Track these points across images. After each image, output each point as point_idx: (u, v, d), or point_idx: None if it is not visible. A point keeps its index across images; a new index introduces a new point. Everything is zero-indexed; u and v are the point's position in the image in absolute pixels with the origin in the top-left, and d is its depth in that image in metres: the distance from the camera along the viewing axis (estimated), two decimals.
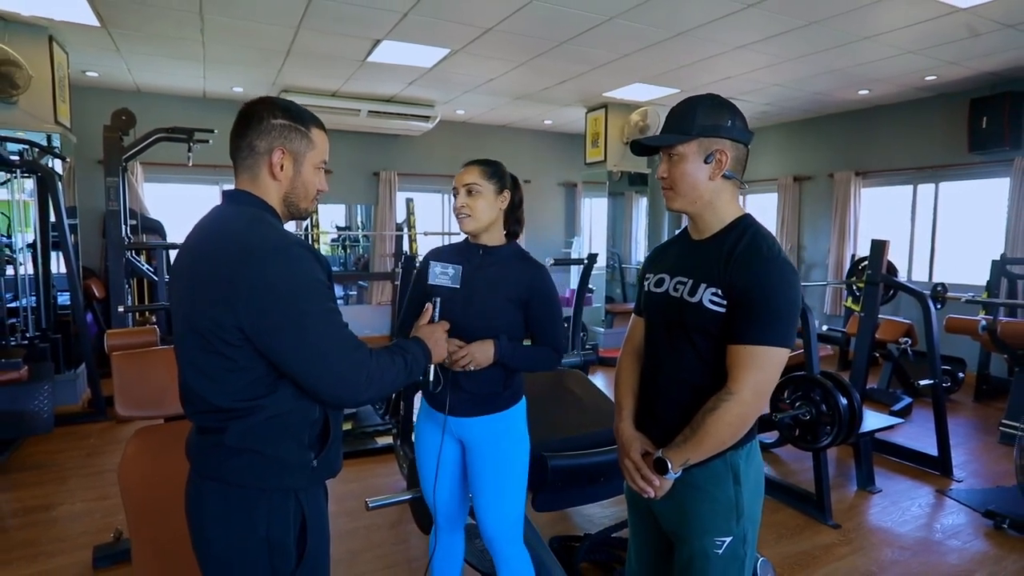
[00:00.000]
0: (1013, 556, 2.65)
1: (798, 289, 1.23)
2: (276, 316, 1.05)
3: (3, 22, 4.06)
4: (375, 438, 3.89)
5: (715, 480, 1.27)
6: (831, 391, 2.89)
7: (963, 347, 5.25)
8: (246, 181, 1.18)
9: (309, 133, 1.19)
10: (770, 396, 1.24)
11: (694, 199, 1.29)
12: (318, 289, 1.09)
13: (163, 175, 6.38)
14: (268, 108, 1.16)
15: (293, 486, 1.14)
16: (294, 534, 1.13)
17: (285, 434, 1.12)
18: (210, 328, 1.07)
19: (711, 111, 1.26)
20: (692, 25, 4.06)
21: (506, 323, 1.66)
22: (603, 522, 2.85)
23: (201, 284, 1.10)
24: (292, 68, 5.24)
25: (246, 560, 1.12)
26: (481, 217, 1.70)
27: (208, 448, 1.14)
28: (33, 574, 2.44)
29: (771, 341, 1.18)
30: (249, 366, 1.08)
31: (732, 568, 1.28)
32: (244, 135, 1.16)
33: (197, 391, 1.12)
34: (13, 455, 3.62)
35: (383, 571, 2.47)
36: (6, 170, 4.11)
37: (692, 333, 1.28)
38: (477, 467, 1.72)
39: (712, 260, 1.26)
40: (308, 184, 1.21)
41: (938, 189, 6.14)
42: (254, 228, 1.10)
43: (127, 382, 2.51)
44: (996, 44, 4.34)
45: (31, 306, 4.29)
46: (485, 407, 1.68)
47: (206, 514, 1.14)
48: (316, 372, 1.09)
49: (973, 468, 3.65)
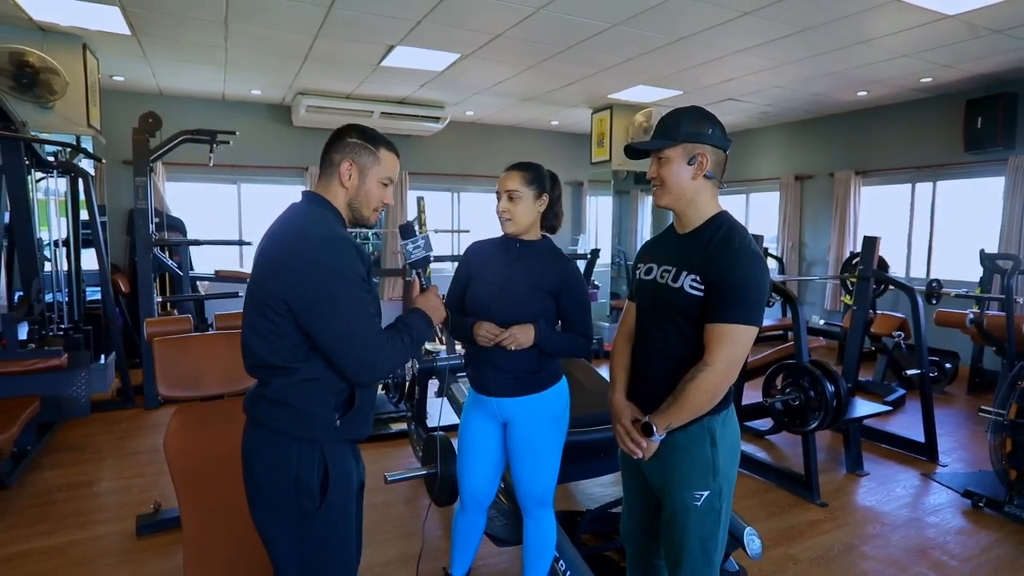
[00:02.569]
0: (986, 532, 2.84)
1: (765, 276, 1.42)
2: (313, 294, 1.27)
3: (42, 32, 4.31)
4: (389, 424, 4.13)
5: (694, 442, 1.47)
6: (819, 378, 3.08)
7: (957, 341, 5.41)
8: (322, 185, 1.44)
9: (377, 152, 1.44)
10: (740, 367, 1.43)
11: (679, 196, 1.48)
12: (353, 279, 1.30)
13: (184, 175, 6.63)
14: (348, 130, 1.44)
15: (318, 439, 1.34)
16: (317, 479, 1.34)
17: (315, 395, 1.33)
18: (263, 295, 1.30)
19: (694, 121, 1.47)
20: (693, 31, 4.24)
21: (538, 311, 1.82)
22: (602, 499, 3.06)
23: (265, 260, 1.34)
24: (309, 72, 5.46)
25: (280, 494, 1.34)
26: (521, 221, 1.85)
27: (256, 399, 1.37)
28: (85, 538, 2.68)
29: (741, 320, 1.38)
30: (289, 333, 1.30)
31: (709, 518, 1.48)
32: (328, 149, 1.43)
33: (252, 346, 1.35)
34: (51, 438, 3.87)
35: (400, 540, 2.70)
36: (43, 171, 4.36)
37: (675, 315, 1.47)
38: (516, 441, 1.90)
39: (692, 251, 1.46)
40: (371, 194, 1.44)
41: (935, 188, 6.29)
42: (314, 220, 1.35)
43: (168, 365, 2.75)
44: (989, 47, 4.49)
45: (63, 300, 4.54)
46: (525, 388, 1.86)
47: (255, 454, 1.38)
48: (340, 350, 1.29)
49: (959, 455, 3.83)
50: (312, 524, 1.35)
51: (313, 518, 1.34)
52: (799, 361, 3.17)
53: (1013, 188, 5.44)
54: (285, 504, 1.34)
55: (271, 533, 1.38)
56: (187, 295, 5.42)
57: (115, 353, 4.63)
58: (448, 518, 2.66)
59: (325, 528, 1.37)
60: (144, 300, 4.62)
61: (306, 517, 1.34)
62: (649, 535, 1.69)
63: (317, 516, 1.34)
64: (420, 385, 3.29)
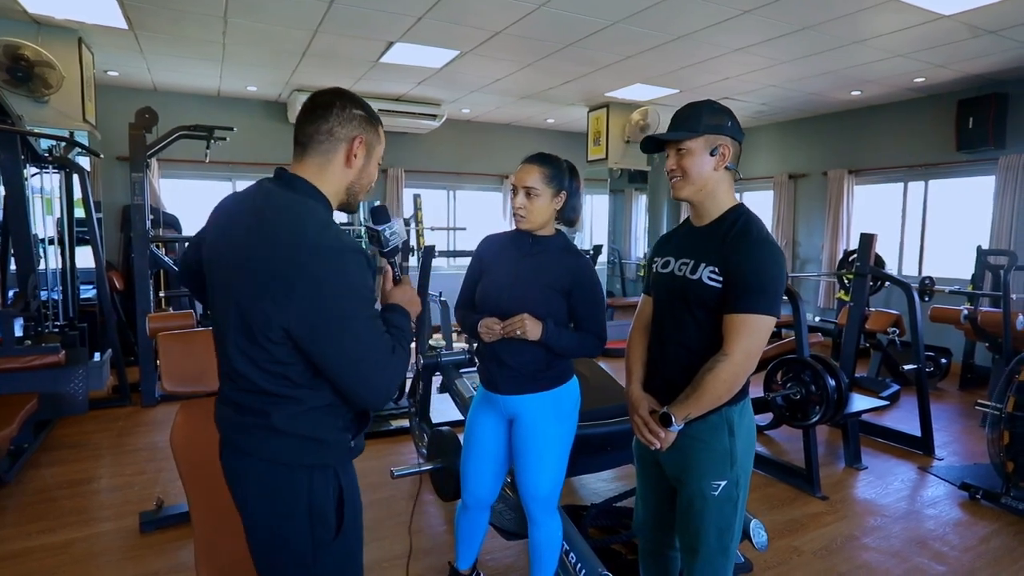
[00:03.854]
0: (984, 523, 2.89)
1: (783, 267, 1.44)
2: (321, 320, 1.07)
3: (37, 25, 4.26)
4: (389, 420, 4.14)
5: (712, 432, 1.48)
6: (820, 372, 3.12)
7: (950, 338, 5.48)
8: (314, 166, 1.19)
9: (378, 129, 1.26)
10: (759, 357, 1.45)
11: (700, 187, 1.49)
12: (366, 297, 1.11)
13: (178, 171, 6.58)
14: (348, 99, 1.20)
15: (332, 462, 1.20)
16: (333, 505, 1.19)
17: (324, 420, 1.18)
18: (257, 320, 1.09)
19: (713, 114, 1.49)
20: (692, 29, 4.27)
21: (548, 308, 1.76)
22: (605, 493, 3.07)
23: (252, 272, 1.10)
24: (307, 68, 5.44)
25: (290, 530, 1.17)
26: (536, 219, 1.79)
27: (251, 428, 1.17)
28: (88, 536, 2.65)
29: (759, 310, 1.40)
30: (289, 361, 1.11)
31: (727, 507, 1.49)
32: (325, 120, 1.17)
33: (242, 373, 1.14)
34: (49, 435, 3.83)
35: (403, 536, 2.69)
36: (38, 166, 4.30)
37: (693, 307, 1.49)
38: (521, 439, 1.84)
39: (710, 243, 1.48)
40: (371, 175, 1.26)
41: (927, 187, 6.38)
42: (308, 220, 1.11)
43: (173, 360, 2.73)
44: (981, 48, 4.56)
45: (58, 297, 4.49)
46: (533, 385, 1.81)
47: (249, 490, 1.19)
48: (350, 379, 1.11)
49: (954, 448, 3.88)
50: (326, 554, 1.21)
51: (328, 547, 1.20)
52: (800, 356, 3.20)
53: (1003, 187, 5.52)
54: (296, 539, 1.18)
55: (276, 567, 1.22)
56: (184, 291, 5.39)
57: (111, 350, 4.59)
58: (451, 511, 2.67)
59: (340, 555, 1.23)
60: (141, 297, 4.58)
61: (320, 548, 1.19)
62: (662, 526, 1.70)
63: (333, 545, 1.21)
64: (424, 381, 3.29)
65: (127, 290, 5.67)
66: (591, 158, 7.27)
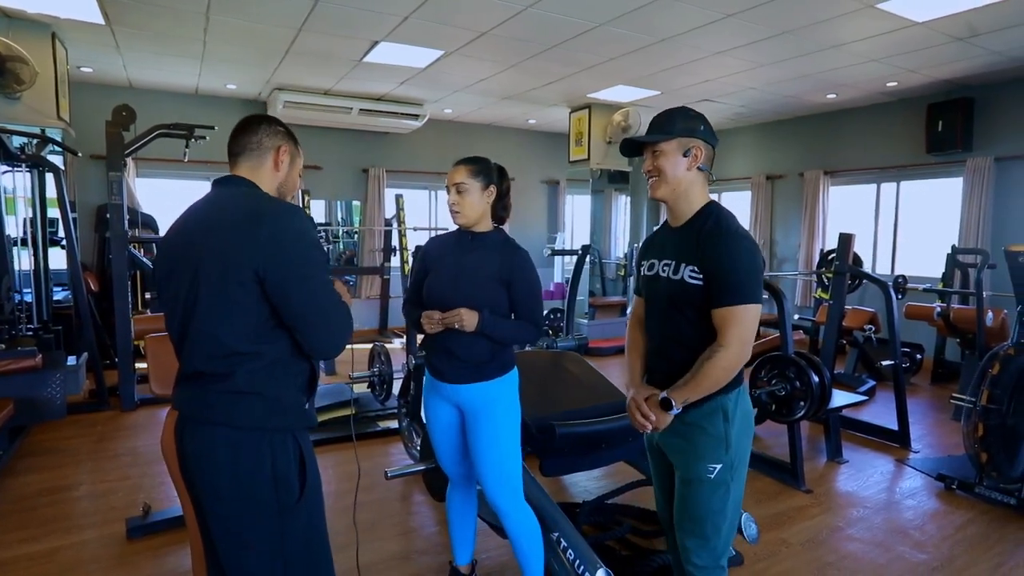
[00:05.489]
0: (959, 512, 3.00)
1: (757, 255, 1.51)
2: (293, 263, 1.25)
3: (7, 19, 4.13)
4: (376, 422, 4.11)
5: (709, 418, 1.55)
6: (804, 369, 3.19)
7: (922, 334, 5.66)
8: (246, 168, 1.42)
9: (298, 146, 1.53)
10: (752, 342, 1.52)
11: (674, 186, 1.57)
12: (322, 252, 1.33)
13: (155, 170, 6.44)
14: (274, 120, 1.49)
15: (291, 426, 1.32)
16: (295, 469, 1.31)
17: (283, 378, 1.31)
18: (223, 270, 1.24)
19: (687, 119, 1.58)
20: (675, 32, 4.34)
21: (489, 300, 1.86)
22: (597, 491, 3.10)
23: (212, 246, 1.26)
24: (289, 67, 5.38)
25: (255, 497, 1.27)
26: (470, 213, 1.90)
27: (216, 394, 1.27)
28: (74, 543, 2.59)
29: (744, 300, 1.47)
30: (253, 309, 1.25)
31: (720, 489, 1.56)
32: (255, 133, 1.43)
33: (210, 334, 1.26)
34: (24, 441, 3.72)
35: (399, 536, 2.69)
36: (10, 164, 4.18)
37: (681, 306, 1.56)
38: (473, 431, 1.92)
39: (687, 242, 1.56)
40: (294, 182, 1.51)
41: (899, 188, 6.57)
42: (260, 197, 1.36)
43: (161, 363, 2.69)
44: (951, 54, 4.72)
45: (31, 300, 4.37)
46: (477, 375, 1.88)
47: (217, 458, 1.27)
48: (314, 322, 1.28)
49: (928, 441, 4.02)
50: (293, 518, 1.31)
51: (294, 511, 1.30)
52: (785, 353, 3.27)
53: (971, 188, 5.72)
54: (261, 504, 1.28)
55: (246, 540, 1.30)
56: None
57: (87, 353, 4.47)
58: (444, 513, 2.67)
59: (305, 518, 1.34)
60: (119, 298, 4.47)
61: (286, 512, 1.29)
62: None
63: (297, 508, 1.31)
64: (415, 381, 3.28)
65: (103, 291, 5.53)
66: (573, 159, 7.32)
